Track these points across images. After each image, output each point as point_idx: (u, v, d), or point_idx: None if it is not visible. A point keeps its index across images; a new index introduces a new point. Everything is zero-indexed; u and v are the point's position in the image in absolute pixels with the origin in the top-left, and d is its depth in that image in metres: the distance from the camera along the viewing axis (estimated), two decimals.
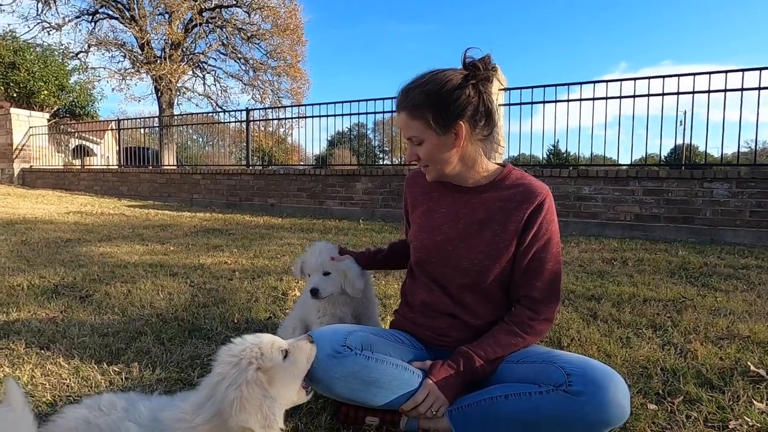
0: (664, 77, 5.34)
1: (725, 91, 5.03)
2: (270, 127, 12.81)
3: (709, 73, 5.11)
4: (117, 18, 18.08)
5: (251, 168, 8.24)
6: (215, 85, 20.80)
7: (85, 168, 11.79)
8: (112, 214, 6.42)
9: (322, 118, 7.82)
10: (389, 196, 6.52)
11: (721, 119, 5.05)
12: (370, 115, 7.43)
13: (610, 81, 5.77)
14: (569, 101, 5.89)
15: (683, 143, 6.09)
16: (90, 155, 16.82)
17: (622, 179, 5.15)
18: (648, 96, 5.42)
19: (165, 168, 10.83)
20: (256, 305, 2.31)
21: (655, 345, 1.84)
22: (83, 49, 18.32)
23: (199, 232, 4.86)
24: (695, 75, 5.19)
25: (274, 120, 11.49)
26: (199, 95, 20.73)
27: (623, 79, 5.63)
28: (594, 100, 5.73)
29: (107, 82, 19.05)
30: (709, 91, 5.11)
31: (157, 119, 13.11)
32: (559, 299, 1.29)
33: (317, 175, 7.18)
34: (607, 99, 5.64)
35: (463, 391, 1.22)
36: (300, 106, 10.36)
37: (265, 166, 10.24)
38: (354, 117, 7.60)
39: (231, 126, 11.44)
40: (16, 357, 1.64)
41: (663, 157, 6.24)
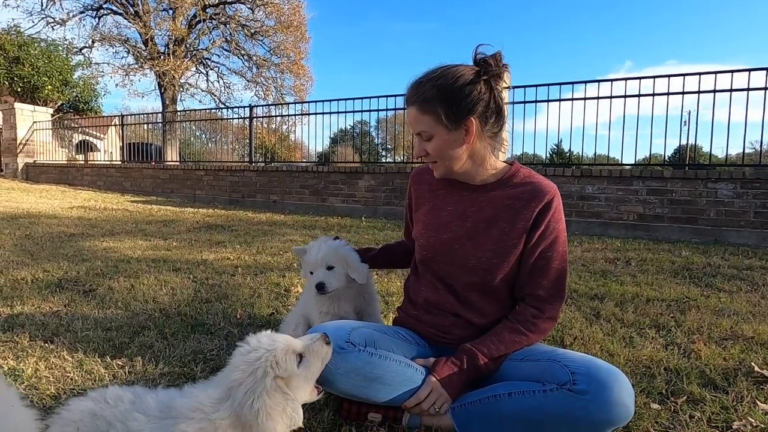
0: (669, 77, 5.31)
1: (731, 91, 5.00)
2: (273, 124, 12.82)
3: (715, 73, 5.08)
4: (121, 13, 18.11)
5: (254, 165, 8.25)
6: (218, 82, 20.86)
7: (89, 163, 11.82)
8: (115, 209, 6.44)
9: (325, 115, 7.82)
10: (392, 193, 6.51)
11: (726, 119, 5.03)
12: (373, 113, 7.42)
13: (614, 80, 5.74)
14: (573, 100, 5.87)
15: (687, 143, 6.06)
16: (93, 150, 16.88)
17: (625, 179, 5.13)
18: (653, 95, 5.39)
19: (168, 164, 10.86)
20: (258, 301, 2.32)
21: (659, 345, 1.84)
22: (87, 45, 18.38)
23: (202, 228, 4.87)
24: (700, 74, 5.15)
25: (277, 117, 11.50)
26: (203, 91, 20.80)
27: (628, 78, 5.61)
28: (598, 99, 5.70)
29: (111, 77, 18.97)
30: (715, 91, 5.08)
31: (161, 115, 13.13)
32: (564, 298, 1.28)
33: (320, 173, 7.17)
34: (612, 98, 5.61)
35: (467, 389, 1.22)
36: (303, 103, 10.36)
37: (268, 162, 10.26)
38: (357, 114, 7.60)
39: (234, 122, 11.44)
40: (20, 350, 1.65)
41: (667, 157, 6.19)
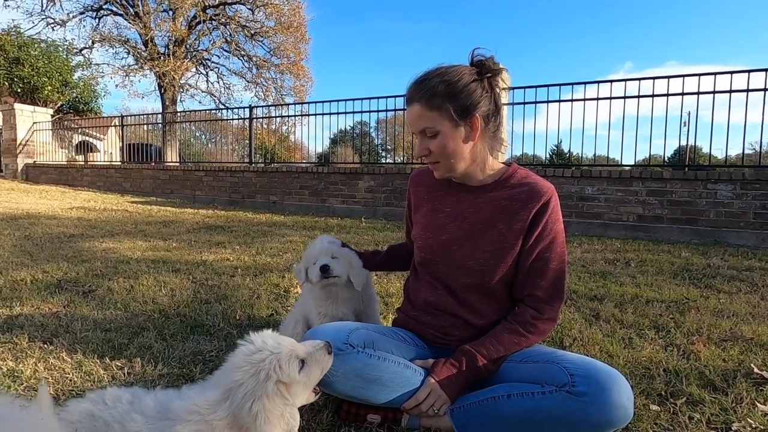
0: (668, 78, 5.32)
1: (730, 92, 5.00)
2: (273, 125, 12.83)
3: (714, 74, 5.08)
4: (121, 14, 18.11)
5: (254, 165, 8.25)
6: (218, 83, 20.86)
7: (89, 164, 11.82)
8: (115, 210, 6.44)
9: (324, 116, 7.82)
10: (391, 194, 6.51)
11: (726, 120, 5.03)
12: (372, 114, 7.43)
13: (614, 81, 5.75)
14: (573, 101, 5.87)
15: (687, 144, 6.06)
16: (93, 151, 16.85)
17: (625, 180, 5.13)
18: (652, 96, 5.40)
19: (168, 165, 10.87)
20: (258, 302, 2.32)
21: (658, 346, 1.83)
22: (87, 45, 18.37)
23: (202, 228, 4.87)
24: (700, 76, 5.16)
25: (277, 117, 11.51)
26: (203, 92, 20.79)
27: (627, 79, 5.63)
28: (598, 100, 5.70)
29: (111, 78, 18.97)
30: (714, 92, 5.08)
31: (161, 116, 13.14)
32: (563, 299, 1.28)
33: (320, 173, 7.18)
34: (611, 99, 5.62)
35: (466, 390, 1.22)
36: (303, 103, 10.36)
37: (268, 163, 10.27)
38: (357, 115, 7.61)
39: (234, 123, 11.45)
40: (19, 351, 1.65)
41: (667, 158, 6.20)
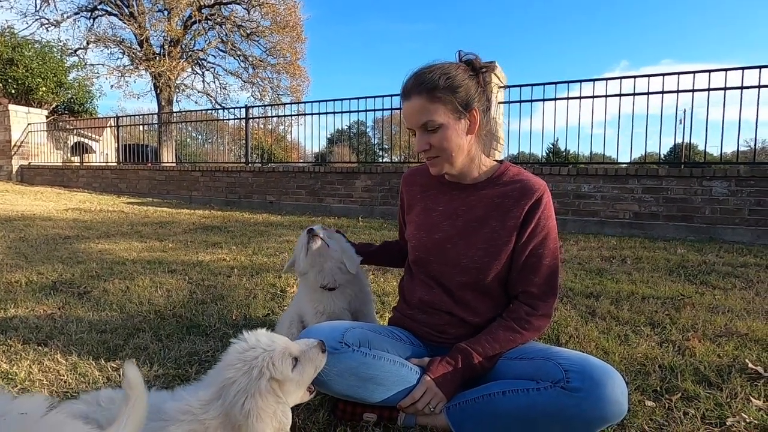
0: (663, 75, 5.33)
1: (725, 89, 5.03)
2: (269, 125, 12.80)
3: (709, 71, 5.10)
4: (116, 14, 18.00)
5: (250, 165, 8.23)
6: (214, 83, 20.78)
7: (84, 165, 11.77)
8: (110, 211, 6.41)
9: (321, 115, 7.80)
10: (388, 193, 6.51)
11: (721, 118, 5.05)
12: (369, 113, 7.41)
13: (609, 79, 5.77)
14: (569, 99, 5.88)
15: (683, 142, 6.09)
16: (89, 152, 16.79)
17: (621, 177, 5.14)
18: (647, 94, 5.41)
19: (164, 165, 10.83)
20: (254, 302, 2.31)
21: (654, 342, 1.84)
22: (82, 46, 18.25)
23: (198, 229, 4.86)
24: (695, 73, 5.18)
25: (273, 117, 11.49)
26: (199, 92, 20.70)
27: (623, 77, 5.62)
28: (594, 98, 5.71)
29: (106, 78, 18.85)
30: (709, 89, 5.10)
31: (156, 116, 13.08)
32: (557, 295, 1.29)
33: (316, 173, 7.17)
34: (607, 97, 5.63)
35: (461, 388, 1.22)
36: (299, 103, 10.34)
37: (265, 163, 10.24)
38: (353, 115, 7.59)
39: (230, 123, 11.43)
40: (13, 353, 1.64)
41: (662, 156, 6.23)
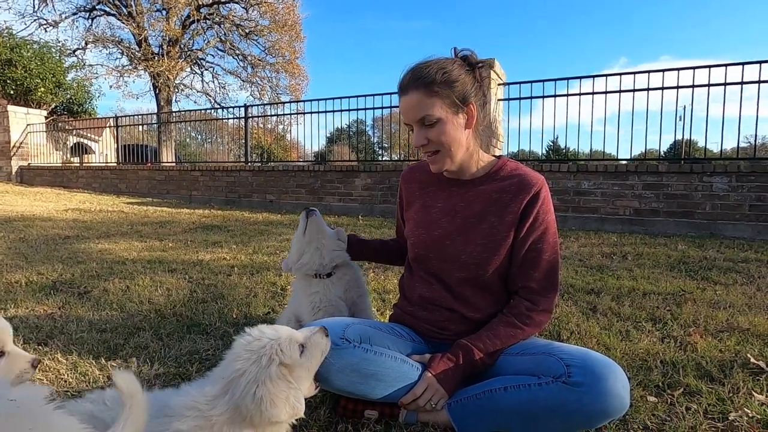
0: (663, 71, 5.32)
1: (725, 85, 5.01)
2: (269, 124, 12.79)
3: (709, 67, 5.08)
4: (114, 14, 17.96)
5: (250, 164, 8.22)
6: (213, 82, 20.73)
7: (84, 165, 11.76)
8: (110, 211, 6.41)
9: (320, 114, 7.80)
10: (388, 192, 6.51)
11: (721, 114, 5.04)
12: (368, 112, 7.39)
13: (609, 75, 5.74)
14: (568, 96, 5.87)
15: (683, 138, 6.07)
16: (88, 152, 16.77)
17: (621, 174, 5.14)
18: (647, 90, 5.39)
19: (163, 165, 10.81)
20: (254, 301, 2.31)
21: (655, 338, 1.84)
22: (80, 46, 18.21)
23: (198, 228, 4.85)
24: (695, 69, 5.16)
25: (272, 116, 11.46)
26: (198, 92, 20.66)
27: (623, 74, 5.61)
28: (593, 94, 5.70)
29: (105, 79, 18.89)
30: (709, 85, 5.09)
31: (156, 116, 13.07)
32: (557, 289, 1.28)
33: (316, 172, 7.16)
34: (607, 93, 5.61)
35: (463, 384, 1.22)
36: (299, 102, 10.32)
37: (264, 162, 10.24)
38: (353, 113, 7.57)
39: (229, 123, 11.38)
40: None
41: (662, 152, 6.22)
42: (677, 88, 5.25)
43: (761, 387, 1.42)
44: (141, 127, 11.33)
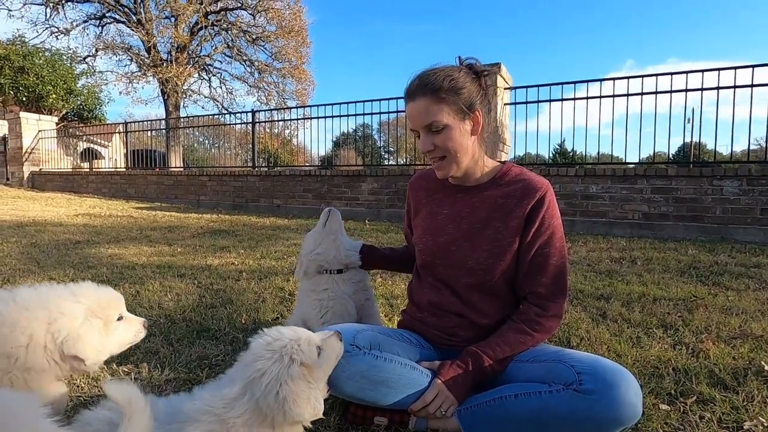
0: (671, 74, 5.29)
1: (734, 88, 4.97)
2: (275, 129, 12.86)
3: (718, 70, 5.04)
4: (124, 22, 18.26)
5: (257, 169, 8.27)
6: (221, 88, 20.97)
7: (94, 171, 11.90)
8: (120, 216, 6.48)
9: (327, 119, 7.84)
10: (395, 196, 6.51)
11: (730, 116, 4.99)
12: (375, 116, 7.43)
13: (616, 78, 5.72)
14: (575, 99, 5.85)
15: (692, 141, 6.02)
16: (98, 158, 16.96)
17: (629, 177, 5.10)
18: (655, 93, 5.36)
19: (172, 170, 10.91)
20: (263, 306, 2.32)
21: (666, 345, 1.82)
22: (91, 53, 18.52)
23: (206, 233, 4.89)
24: (703, 72, 5.12)
25: (279, 121, 11.53)
26: (205, 98, 20.90)
27: (630, 77, 5.58)
28: (601, 98, 5.67)
29: (114, 85, 19.09)
30: (718, 88, 5.04)
31: (164, 122, 13.22)
32: (566, 294, 1.27)
33: (323, 176, 7.19)
34: (614, 97, 5.59)
35: (473, 391, 1.21)
36: (305, 107, 10.39)
37: (271, 167, 10.29)
38: (359, 118, 7.61)
39: (237, 128, 11.48)
40: None
41: (671, 155, 6.17)
42: (685, 91, 5.21)
43: None
44: (150, 133, 11.46)
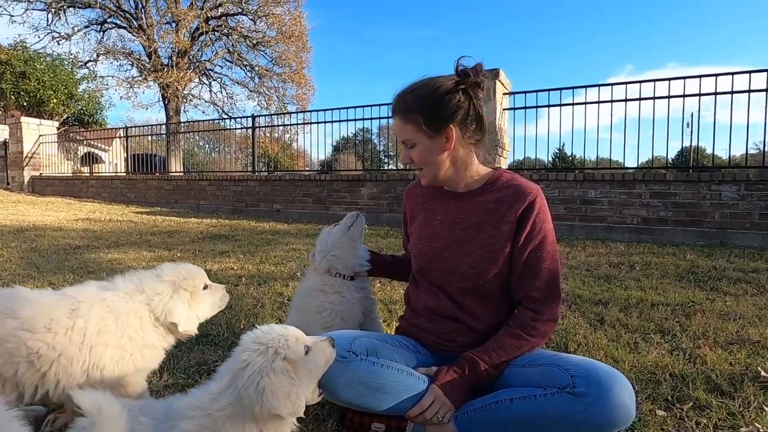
0: (669, 80, 5.32)
1: (732, 93, 5.00)
2: (275, 133, 12.91)
3: (716, 75, 5.07)
4: (125, 27, 18.34)
5: (257, 174, 8.30)
6: (221, 92, 21.01)
7: (94, 175, 11.94)
8: (120, 220, 6.49)
9: (327, 123, 7.87)
10: (394, 201, 6.53)
11: (728, 121, 5.01)
12: (374, 121, 7.46)
13: (615, 84, 5.75)
14: (574, 105, 5.88)
15: (690, 146, 6.05)
16: (98, 162, 17.00)
17: (628, 182, 5.11)
18: (653, 98, 5.39)
19: (172, 175, 10.94)
20: (262, 311, 2.32)
21: (664, 350, 1.82)
22: (92, 58, 18.59)
23: (206, 238, 4.90)
24: (701, 77, 5.15)
25: (279, 126, 11.58)
26: (206, 102, 20.94)
27: (629, 82, 5.62)
28: (599, 103, 5.71)
29: (115, 90, 19.28)
30: (716, 93, 5.08)
31: (165, 126, 13.25)
32: (560, 298, 1.28)
33: (322, 181, 7.21)
34: (613, 102, 5.62)
35: (469, 397, 1.22)
36: (305, 112, 10.43)
37: (271, 172, 10.31)
38: (359, 122, 7.64)
39: (237, 132, 11.53)
40: None
41: (670, 160, 6.18)
42: (683, 96, 5.24)
43: None
44: (150, 137, 11.49)
